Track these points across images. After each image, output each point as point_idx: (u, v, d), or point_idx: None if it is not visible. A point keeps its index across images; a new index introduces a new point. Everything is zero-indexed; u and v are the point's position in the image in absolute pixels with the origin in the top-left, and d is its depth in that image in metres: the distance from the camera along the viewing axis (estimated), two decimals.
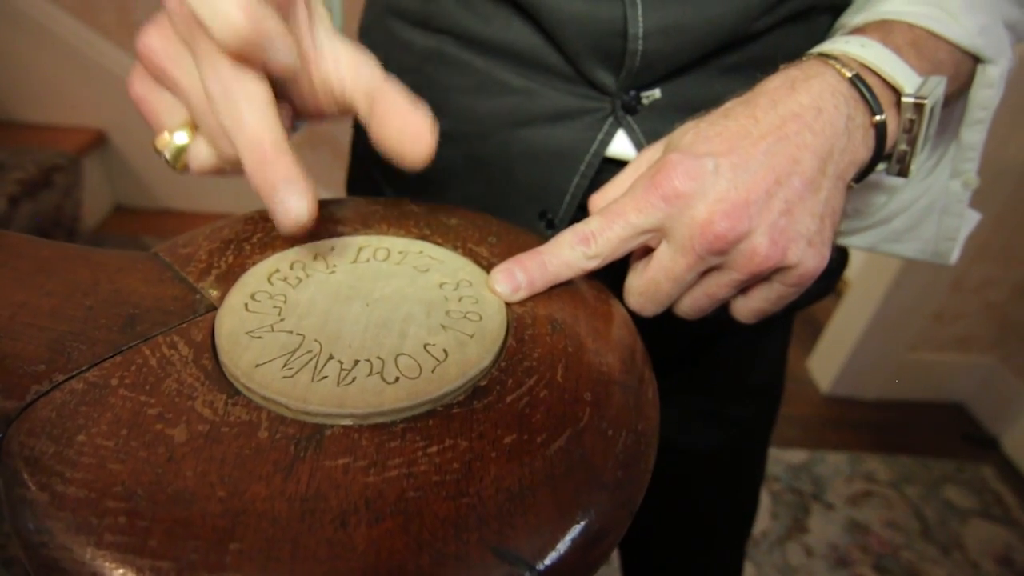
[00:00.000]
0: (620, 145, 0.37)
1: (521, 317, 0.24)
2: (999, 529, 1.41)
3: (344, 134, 0.28)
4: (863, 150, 0.27)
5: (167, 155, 0.25)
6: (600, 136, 0.37)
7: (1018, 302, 1.56)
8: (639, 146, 0.36)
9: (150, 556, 0.15)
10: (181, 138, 0.24)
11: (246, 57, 0.21)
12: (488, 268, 0.26)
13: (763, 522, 1.35)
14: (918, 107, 0.26)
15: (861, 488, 1.46)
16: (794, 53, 0.35)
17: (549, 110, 0.37)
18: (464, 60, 0.38)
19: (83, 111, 1.26)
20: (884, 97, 0.27)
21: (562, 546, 0.17)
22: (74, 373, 0.19)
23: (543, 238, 0.28)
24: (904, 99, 0.27)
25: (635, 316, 0.30)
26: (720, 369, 0.51)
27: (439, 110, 0.38)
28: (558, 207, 0.38)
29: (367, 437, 0.18)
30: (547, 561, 0.16)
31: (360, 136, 0.48)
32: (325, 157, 1.51)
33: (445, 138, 0.39)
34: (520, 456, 0.18)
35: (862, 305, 1.58)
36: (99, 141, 1.27)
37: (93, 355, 0.20)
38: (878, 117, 0.27)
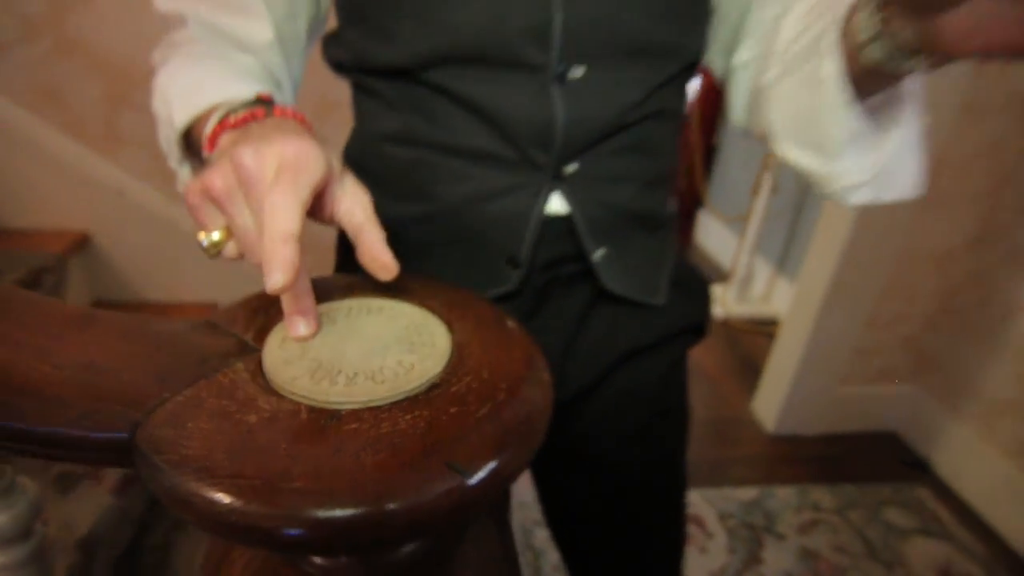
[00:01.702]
0: (555, 204, 0.55)
1: (461, 344, 0.36)
2: (938, 544, 1.52)
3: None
4: None
5: (205, 244, 0.36)
6: (541, 199, 0.54)
7: (929, 334, 1.72)
8: (569, 204, 0.54)
9: (246, 478, 0.26)
10: (216, 235, 0.36)
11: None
12: (439, 316, 0.38)
13: (721, 557, 1.44)
14: None
15: (809, 517, 1.56)
16: (654, 141, 0.53)
17: (503, 187, 0.53)
18: (439, 162, 0.54)
19: (69, 215, 1.37)
20: None
21: (486, 467, 0.28)
22: (177, 391, 0.31)
23: (478, 294, 0.41)
24: None
25: (557, 355, 0.42)
26: (640, 394, 0.63)
27: (425, 199, 0.55)
28: (520, 252, 0.55)
29: (367, 413, 0.29)
30: (479, 474, 0.28)
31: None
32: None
33: (430, 219, 0.56)
34: (461, 419, 0.30)
35: (792, 347, 1.73)
36: (83, 242, 1.38)
37: (186, 381, 0.31)
38: None
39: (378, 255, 0.37)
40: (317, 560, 0.34)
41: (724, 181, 2.77)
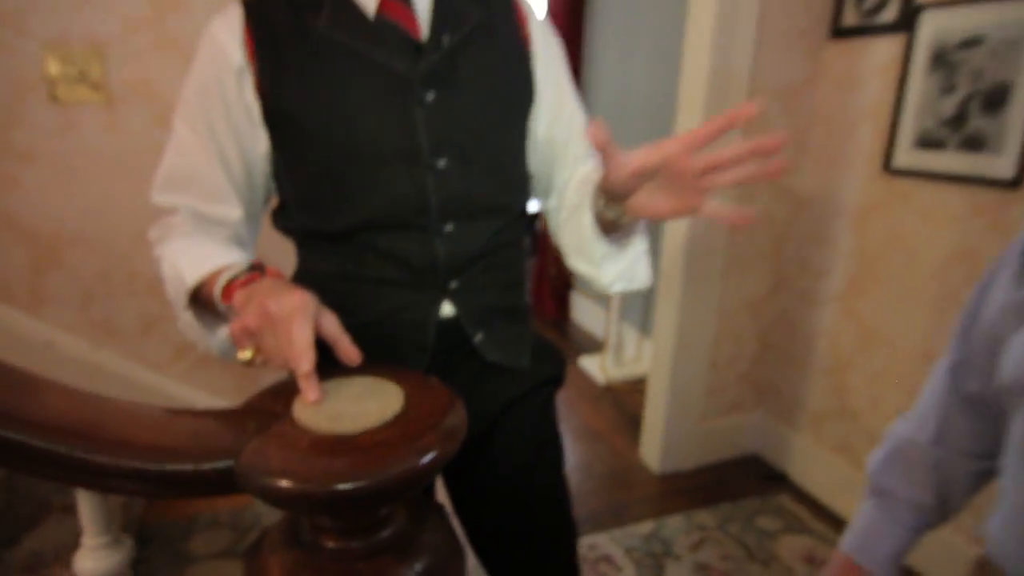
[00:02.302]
0: (446, 309, 0.81)
1: (408, 394, 0.60)
2: (801, 538, 1.84)
3: None
4: None
5: (241, 359, 0.59)
6: (436, 307, 0.80)
7: (758, 367, 2.11)
8: (455, 307, 0.81)
9: (313, 473, 0.49)
10: (248, 354, 0.60)
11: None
12: (391, 380, 0.62)
13: None
14: None
15: (698, 537, 1.84)
16: (505, 261, 0.81)
17: (410, 302, 0.80)
18: (365, 290, 0.79)
19: None
20: None
21: (433, 450, 0.52)
22: (249, 441, 0.53)
23: (416, 371, 0.66)
24: None
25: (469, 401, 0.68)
26: (523, 430, 0.89)
27: (358, 314, 0.81)
28: (426, 342, 0.81)
29: (367, 433, 0.53)
30: (429, 455, 0.52)
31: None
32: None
33: (364, 327, 0.81)
34: (418, 429, 0.54)
35: (658, 397, 2.06)
36: None
37: (253, 435, 0.53)
38: None
39: (350, 350, 0.62)
40: (330, 545, 0.56)
41: None
